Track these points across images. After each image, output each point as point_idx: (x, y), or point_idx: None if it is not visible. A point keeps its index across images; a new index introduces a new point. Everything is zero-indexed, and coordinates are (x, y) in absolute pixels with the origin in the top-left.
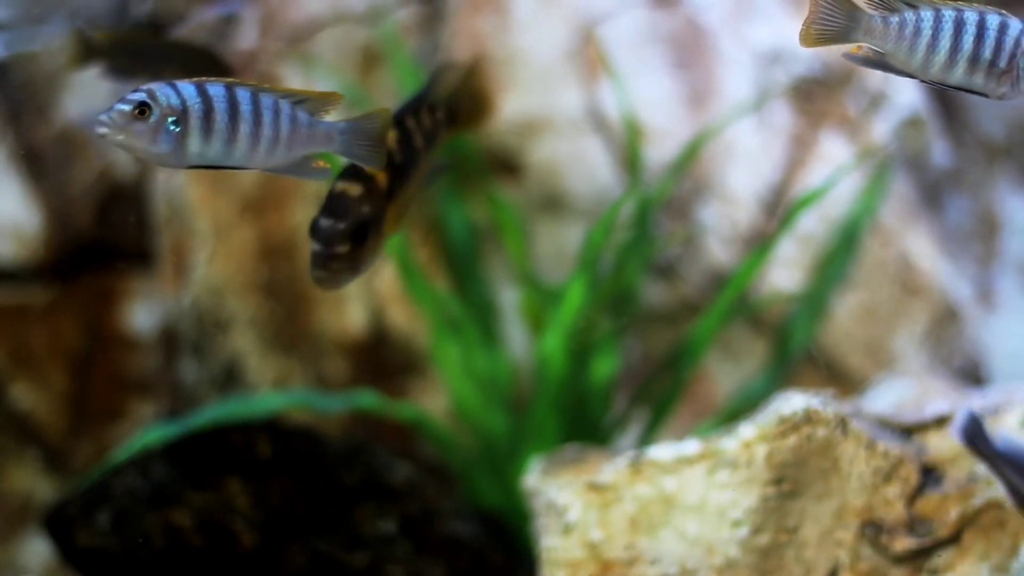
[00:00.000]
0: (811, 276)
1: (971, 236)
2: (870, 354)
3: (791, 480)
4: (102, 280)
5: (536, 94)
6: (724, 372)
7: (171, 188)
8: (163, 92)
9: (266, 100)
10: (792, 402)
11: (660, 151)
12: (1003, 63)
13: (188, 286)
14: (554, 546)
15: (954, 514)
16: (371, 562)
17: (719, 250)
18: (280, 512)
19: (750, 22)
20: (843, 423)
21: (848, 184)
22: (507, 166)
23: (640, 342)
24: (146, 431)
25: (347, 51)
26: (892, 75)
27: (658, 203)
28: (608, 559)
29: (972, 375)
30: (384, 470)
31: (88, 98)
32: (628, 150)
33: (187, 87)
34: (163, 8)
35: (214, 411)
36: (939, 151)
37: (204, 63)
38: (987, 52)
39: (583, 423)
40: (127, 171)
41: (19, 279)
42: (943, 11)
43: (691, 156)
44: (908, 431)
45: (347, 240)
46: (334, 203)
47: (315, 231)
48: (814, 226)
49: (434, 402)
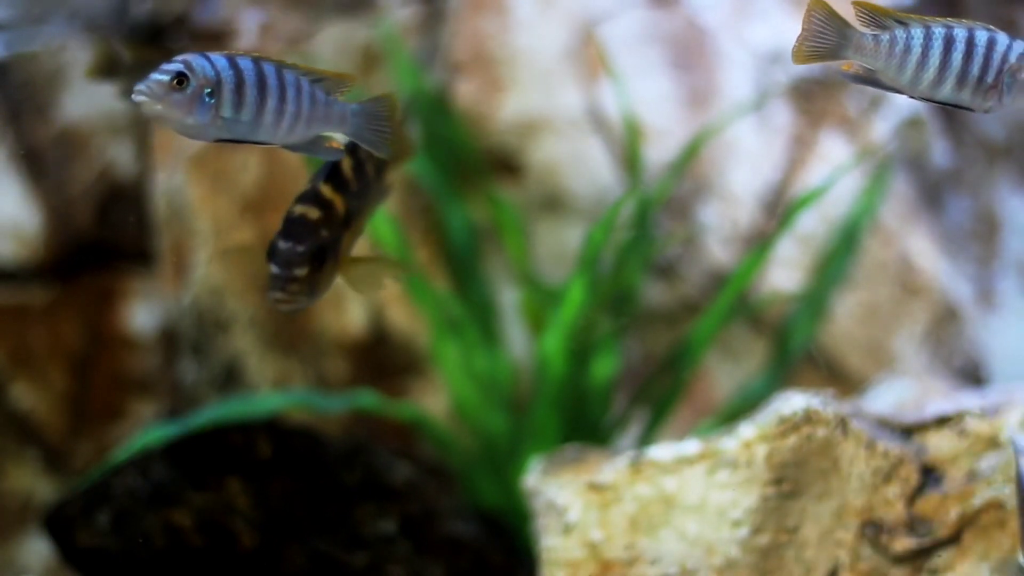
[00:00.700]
0: (811, 276)
1: (971, 236)
2: (870, 354)
3: (791, 480)
4: (102, 280)
5: (536, 94)
6: (724, 372)
7: (171, 188)
8: (198, 63)
9: (289, 76)
10: (792, 402)
11: (660, 151)
12: (990, 79)
13: (188, 286)
14: (554, 546)
15: (954, 514)
16: (371, 562)
17: (719, 250)
18: (280, 512)
19: (750, 22)
20: (843, 423)
21: (848, 184)
22: (507, 166)
23: (640, 342)
24: (146, 431)
25: (347, 51)
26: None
27: (658, 203)
28: (608, 559)
29: (972, 375)
30: (384, 470)
31: (88, 98)
32: (628, 150)
33: (219, 59)
34: (163, 8)
35: (214, 411)
36: (939, 151)
37: None
38: (975, 68)
39: (583, 423)
40: (127, 171)
41: (19, 279)
42: (933, 28)
43: (691, 156)
44: (908, 431)
45: (306, 263)
46: (293, 226)
47: (273, 254)
48: (814, 226)
49: (434, 402)
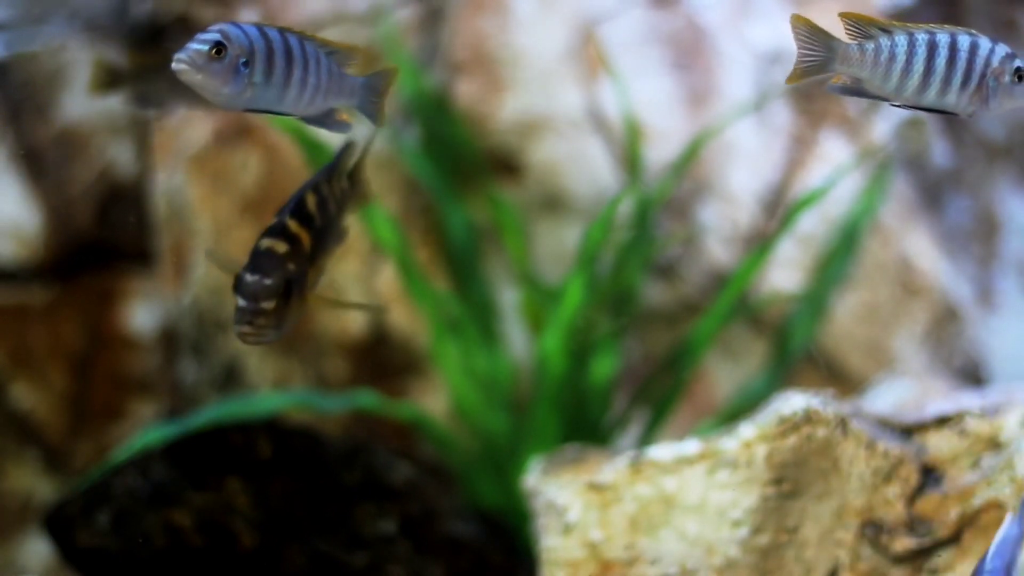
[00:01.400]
0: (811, 276)
1: (971, 236)
2: (870, 354)
3: (791, 480)
4: (102, 280)
5: (536, 94)
6: (724, 372)
7: (171, 188)
8: (234, 32)
9: (309, 48)
10: (792, 402)
11: (660, 151)
12: (974, 83)
13: (188, 286)
14: (554, 546)
15: (954, 514)
16: (371, 562)
17: (719, 250)
18: (280, 512)
19: (750, 22)
20: (843, 423)
21: (848, 184)
22: (507, 166)
23: (640, 342)
24: (146, 431)
25: None
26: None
27: (658, 203)
28: (608, 559)
29: (972, 375)
30: (384, 470)
31: (88, 98)
32: (628, 150)
33: (251, 28)
34: (163, 8)
35: (214, 411)
36: (939, 151)
37: None
38: (959, 73)
39: (583, 423)
40: (127, 171)
41: (19, 279)
42: (916, 35)
43: (691, 156)
44: (908, 431)
45: (273, 296)
46: (260, 259)
47: (240, 287)
48: (814, 226)
49: (434, 402)
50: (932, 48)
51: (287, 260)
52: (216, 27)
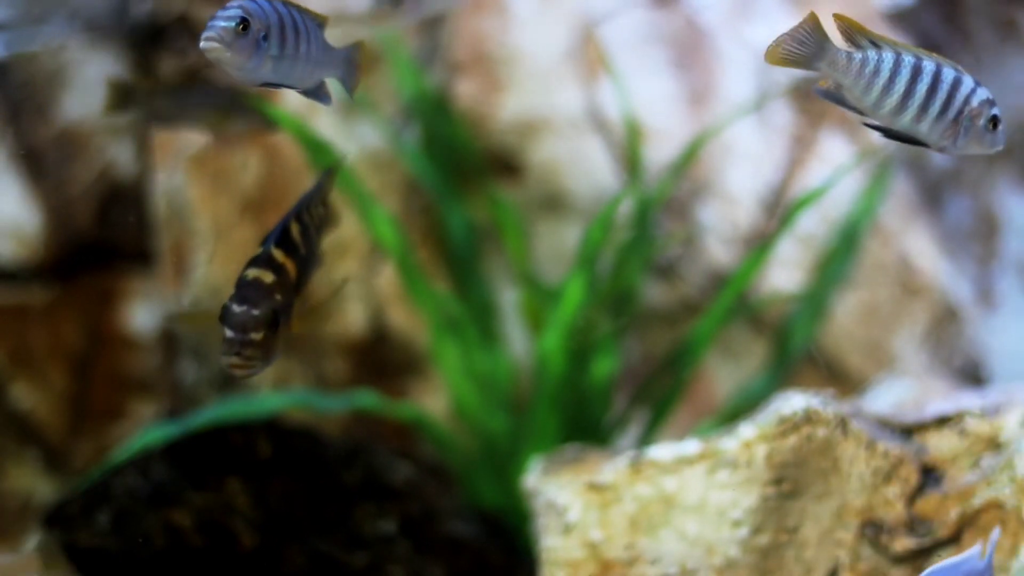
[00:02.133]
0: (811, 276)
1: (971, 236)
2: (870, 354)
3: (791, 480)
4: (102, 280)
5: (536, 94)
6: (724, 372)
7: (171, 188)
8: (252, 7)
9: (308, 21)
10: (792, 402)
11: (660, 151)
12: (950, 117)
13: (188, 286)
14: (554, 546)
15: (954, 514)
16: (371, 562)
17: (719, 250)
18: (280, 512)
19: (750, 22)
20: (843, 423)
21: (848, 184)
22: (507, 166)
23: (640, 342)
24: (146, 431)
25: None
26: None
27: (658, 203)
28: (608, 559)
29: (972, 375)
30: (384, 470)
31: (88, 98)
32: (628, 150)
33: (264, 2)
34: (163, 8)
35: (214, 411)
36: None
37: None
38: (937, 104)
39: (583, 423)
40: (127, 171)
41: (19, 279)
42: (903, 56)
43: (691, 156)
44: (908, 431)
45: (261, 327)
46: (247, 290)
47: (227, 317)
48: (814, 226)
49: (434, 402)
50: (916, 72)
51: (274, 290)
52: (235, 3)
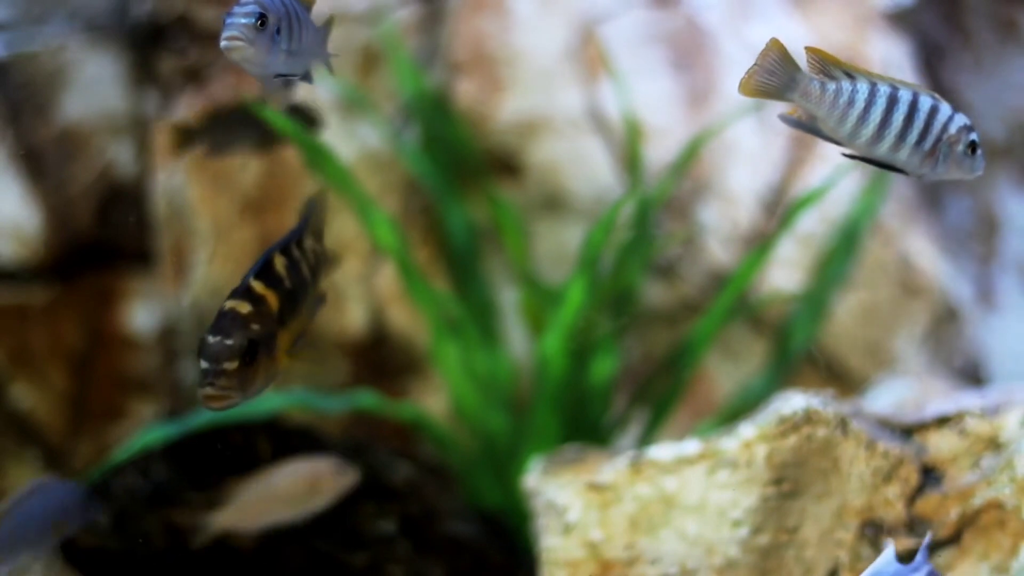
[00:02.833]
0: (811, 276)
1: (971, 236)
2: (870, 354)
3: (791, 480)
4: (102, 280)
5: (536, 94)
6: (724, 372)
7: (171, 188)
8: (267, 1)
9: (300, 7)
10: (792, 402)
11: (660, 151)
12: (928, 145)
13: (188, 286)
14: (554, 546)
15: (954, 514)
16: (371, 562)
17: (719, 250)
18: None
19: (750, 22)
20: (843, 423)
21: (848, 184)
22: (507, 166)
23: (640, 342)
24: (146, 431)
25: (347, 51)
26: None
27: (658, 203)
28: (608, 559)
29: (972, 375)
30: (384, 470)
31: (88, 98)
32: (628, 150)
33: None
34: (163, 8)
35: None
36: None
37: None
38: (914, 133)
39: (583, 423)
40: (127, 171)
41: (19, 279)
42: (879, 86)
43: (691, 156)
44: (908, 431)
45: (236, 357)
46: (222, 321)
47: (202, 349)
48: (814, 226)
49: (434, 402)
50: (892, 102)
51: (250, 321)
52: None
